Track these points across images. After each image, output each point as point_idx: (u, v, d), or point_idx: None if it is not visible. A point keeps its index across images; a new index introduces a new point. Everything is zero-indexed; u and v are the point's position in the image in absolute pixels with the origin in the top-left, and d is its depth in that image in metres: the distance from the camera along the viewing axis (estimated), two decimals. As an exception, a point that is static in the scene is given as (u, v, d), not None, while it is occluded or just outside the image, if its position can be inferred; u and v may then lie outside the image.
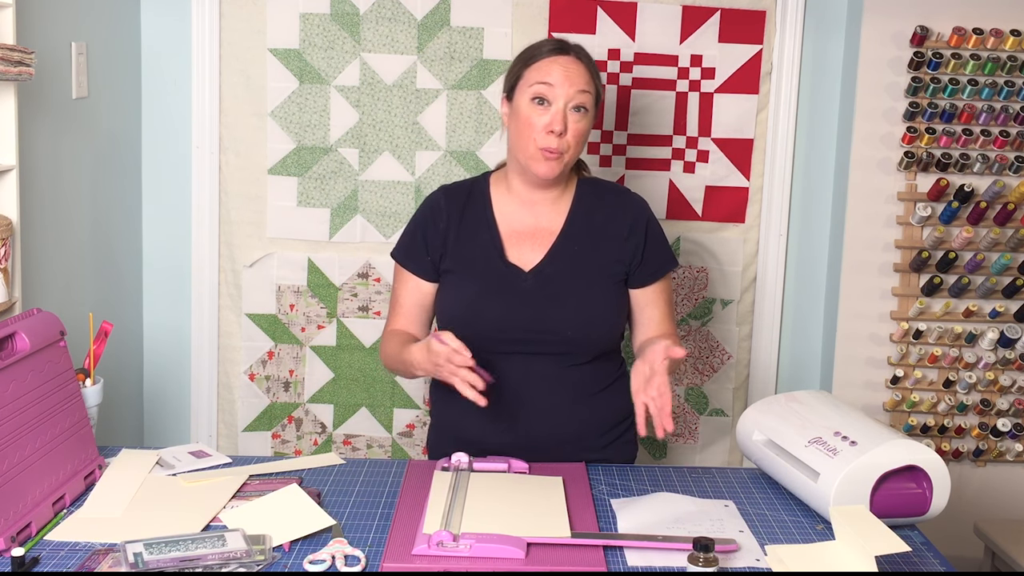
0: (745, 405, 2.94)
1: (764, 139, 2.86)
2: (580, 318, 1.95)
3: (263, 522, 1.60)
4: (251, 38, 2.78)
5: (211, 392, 2.93)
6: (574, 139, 1.92)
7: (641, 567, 1.52)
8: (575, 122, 1.91)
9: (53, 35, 2.31)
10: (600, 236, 2.00)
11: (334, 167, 2.83)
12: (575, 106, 1.90)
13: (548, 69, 1.91)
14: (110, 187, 2.68)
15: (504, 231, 2.00)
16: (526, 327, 1.94)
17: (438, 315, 2.04)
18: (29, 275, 2.19)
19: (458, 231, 2.01)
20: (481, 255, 1.98)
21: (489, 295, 1.96)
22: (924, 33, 2.70)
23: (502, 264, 1.97)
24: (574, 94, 1.90)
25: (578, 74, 1.91)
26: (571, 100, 1.90)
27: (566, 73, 1.91)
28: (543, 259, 1.98)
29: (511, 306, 1.95)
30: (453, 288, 2.00)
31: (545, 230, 2.00)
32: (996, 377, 2.84)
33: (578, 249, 1.98)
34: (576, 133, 1.92)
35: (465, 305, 1.97)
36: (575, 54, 1.94)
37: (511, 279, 1.96)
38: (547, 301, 1.95)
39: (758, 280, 2.93)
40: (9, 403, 1.60)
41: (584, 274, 1.97)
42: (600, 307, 1.97)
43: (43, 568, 1.47)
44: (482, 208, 2.02)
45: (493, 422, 1.96)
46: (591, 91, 1.93)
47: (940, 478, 1.65)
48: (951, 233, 2.79)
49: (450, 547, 1.51)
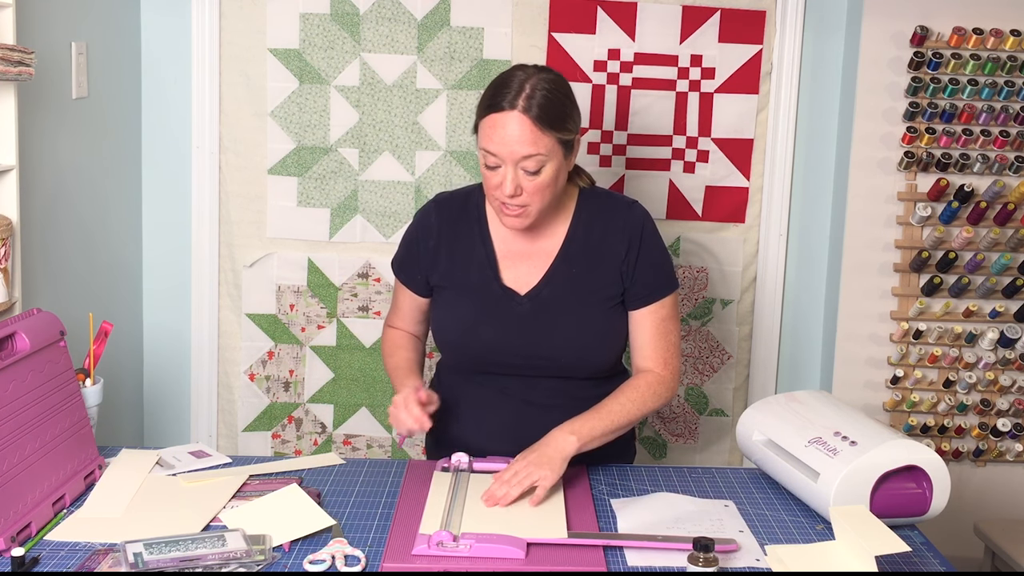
0: (745, 405, 2.94)
1: (764, 139, 2.86)
2: (576, 344, 1.90)
3: (263, 522, 1.60)
4: (251, 38, 2.78)
5: (211, 392, 2.93)
6: (535, 194, 1.80)
7: (641, 567, 1.52)
8: (530, 180, 1.78)
9: (53, 35, 2.31)
10: (597, 256, 1.91)
11: (334, 167, 2.83)
12: (523, 168, 1.78)
13: (490, 134, 1.78)
14: (110, 187, 2.68)
15: (500, 251, 1.93)
16: (522, 353, 1.90)
17: (433, 333, 2.01)
18: (29, 275, 2.18)
19: (451, 247, 1.95)
20: (476, 275, 1.92)
21: (484, 320, 1.91)
22: (924, 33, 2.70)
23: (497, 287, 1.91)
24: (516, 159, 1.77)
25: (521, 136, 1.75)
26: (517, 163, 1.77)
27: (507, 138, 1.76)
28: (540, 282, 1.91)
29: (507, 332, 1.90)
30: (448, 308, 1.96)
31: (542, 250, 1.93)
32: (996, 377, 2.84)
33: (576, 271, 1.91)
34: (535, 189, 1.79)
35: (460, 330, 1.93)
36: (523, 107, 1.76)
37: (506, 303, 1.91)
38: (543, 327, 1.89)
39: (758, 280, 2.93)
40: (9, 403, 1.60)
41: (581, 298, 1.90)
42: (597, 334, 1.91)
43: (43, 568, 1.47)
44: (476, 224, 1.95)
45: (491, 436, 1.94)
46: (540, 149, 1.77)
47: (940, 478, 1.65)
48: (951, 233, 2.79)
49: (450, 547, 1.51)
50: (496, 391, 1.95)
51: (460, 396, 1.99)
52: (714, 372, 2.96)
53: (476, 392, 1.97)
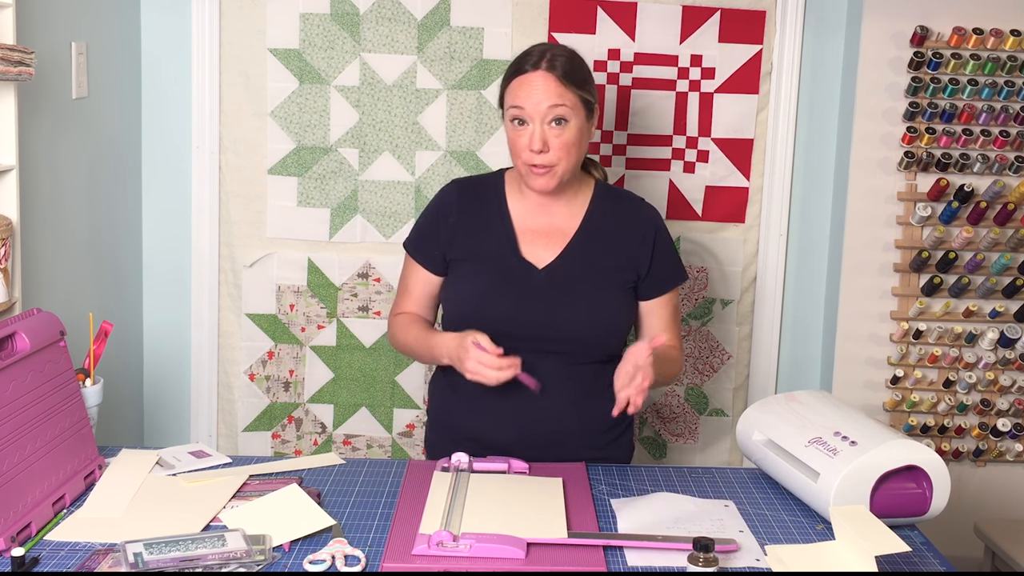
0: (745, 405, 2.94)
1: (764, 139, 2.86)
2: (589, 319, 1.96)
3: (263, 522, 1.60)
4: (251, 38, 2.78)
5: (211, 392, 2.93)
6: (561, 150, 1.91)
7: (641, 567, 1.52)
8: (556, 135, 1.90)
9: (53, 35, 2.31)
10: (613, 242, 2.01)
11: (334, 167, 2.83)
12: (552, 120, 1.90)
13: (517, 92, 1.92)
14: (110, 187, 2.68)
15: (519, 228, 2.02)
16: (535, 323, 1.95)
17: (445, 304, 2.06)
18: (29, 275, 2.18)
19: (469, 224, 2.02)
20: (495, 248, 2.00)
21: (500, 289, 1.97)
22: (924, 33, 2.70)
23: (515, 259, 1.99)
24: (545, 110, 1.89)
25: (547, 89, 1.89)
26: (544, 116, 1.90)
27: (533, 91, 1.90)
28: (557, 257, 1.99)
29: (521, 302, 1.96)
30: (464, 280, 2.01)
31: (559, 230, 2.01)
32: (996, 377, 2.84)
33: (591, 252, 2.00)
34: (561, 145, 1.91)
35: (476, 298, 1.98)
36: (546, 67, 1.91)
37: (523, 274, 1.98)
38: (558, 299, 1.96)
39: (758, 280, 2.93)
40: (9, 403, 1.60)
41: (596, 276, 1.99)
42: (609, 310, 1.99)
43: (43, 568, 1.47)
44: (496, 204, 2.04)
45: (494, 419, 1.96)
46: (566, 101, 1.90)
47: (940, 478, 1.65)
48: (951, 233, 2.79)
49: (450, 547, 1.52)
50: None
51: (463, 380, 1.99)
52: (714, 372, 2.96)
53: None
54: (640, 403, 1.79)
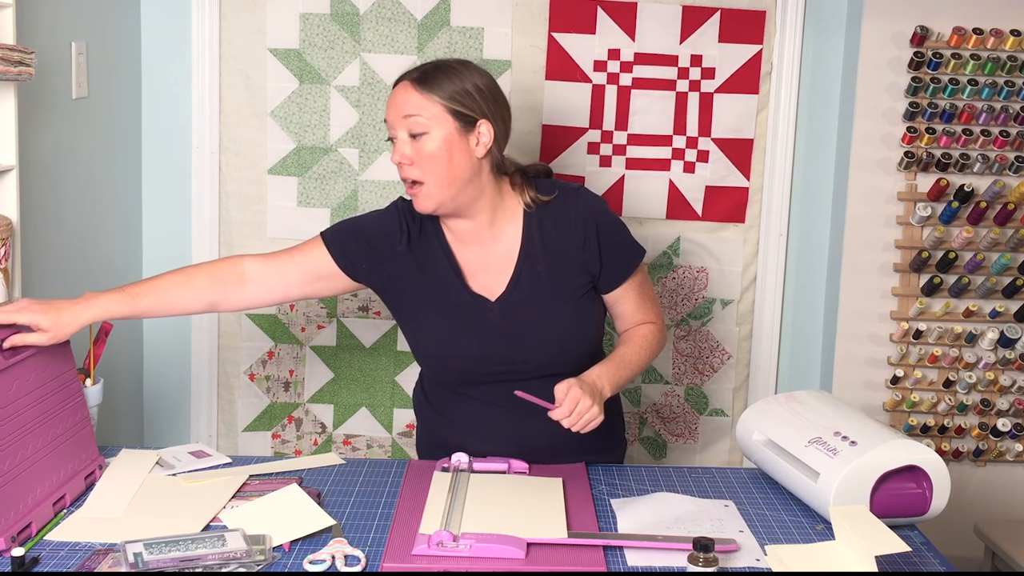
0: (745, 405, 2.94)
1: (764, 139, 2.86)
2: (553, 343, 1.89)
3: (263, 522, 1.60)
4: (251, 38, 2.78)
5: (211, 392, 2.94)
6: (425, 163, 1.80)
7: (641, 567, 1.52)
8: (417, 148, 1.80)
9: (53, 35, 2.31)
10: (557, 250, 1.90)
11: (334, 167, 2.83)
12: (409, 133, 1.81)
13: (386, 108, 1.89)
14: (110, 187, 2.68)
15: (462, 262, 1.92)
16: (503, 358, 1.89)
17: (413, 351, 1.98)
18: (29, 275, 2.19)
19: (414, 259, 1.92)
20: (444, 288, 1.90)
21: (460, 332, 1.89)
22: (924, 33, 2.71)
23: (468, 295, 1.90)
24: (399, 121, 1.81)
25: (402, 101, 1.81)
26: (401, 128, 1.81)
27: (394, 102, 1.83)
28: (507, 287, 1.90)
29: (483, 342, 1.88)
30: (422, 323, 1.92)
31: (501, 256, 1.91)
32: (996, 377, 2.84)
33: (540, 269, 1.89)
34: (424, 158, 1.80)
35: (437, 344, 1.91)
36: (408, 78, 1.83)
37: (478, 311, 1.89)
38: (517, 332, 1.88)
39: (758, 280, 2.93)
40: (11, 403, 1.60)
41: (550, 295, 1.89)
42: (572, 328, 1.90)
43: (43, 568, 1.47)
44: (435, 237, 1.93)
45: (479, 436, 1.94)
46: (422, 112, 1.79)
47: (940, 478, 1.65)
48: (951, 233, 2.79)
49: (450, 547, 1.52)
50: (483, 402, 1.94)
51: (448, 407, 1.99)
52: (714, 372, 2.96)
53: (464, 404, 1.96)
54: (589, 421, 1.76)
